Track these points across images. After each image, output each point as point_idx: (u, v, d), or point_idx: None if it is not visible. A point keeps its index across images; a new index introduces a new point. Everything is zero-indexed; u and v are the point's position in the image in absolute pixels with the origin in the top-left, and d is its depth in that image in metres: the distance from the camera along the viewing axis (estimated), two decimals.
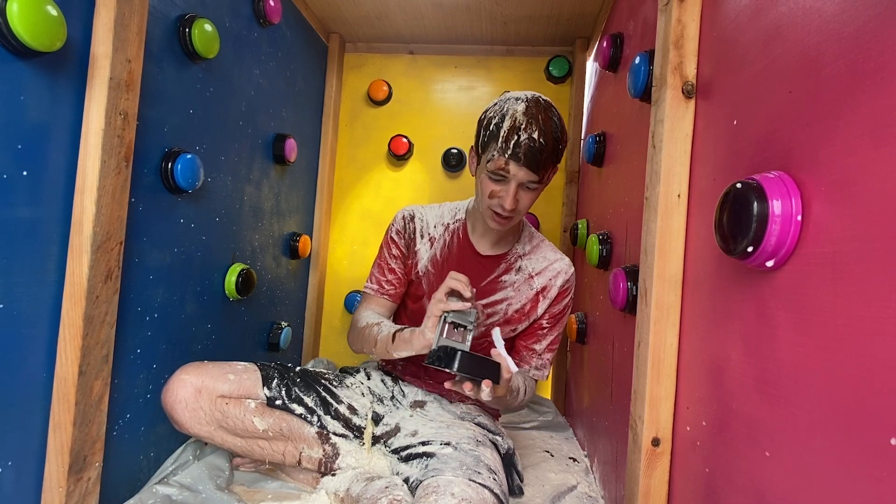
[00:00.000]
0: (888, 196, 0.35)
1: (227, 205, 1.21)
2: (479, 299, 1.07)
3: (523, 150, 0.89)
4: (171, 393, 0.94)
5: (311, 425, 1.01)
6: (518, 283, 1.08)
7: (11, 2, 0.62)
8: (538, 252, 1.11)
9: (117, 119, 0.77)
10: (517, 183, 0.92)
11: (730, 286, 0.56)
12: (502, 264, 1.09)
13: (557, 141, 0.92)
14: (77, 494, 0.77)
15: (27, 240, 0.70)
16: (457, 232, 1.11)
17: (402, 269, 1.13)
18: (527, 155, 0.89)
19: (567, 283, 1.10)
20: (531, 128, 0.90)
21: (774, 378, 0.47)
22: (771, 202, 0.45)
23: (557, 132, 0.92)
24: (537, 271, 1.09)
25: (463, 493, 0.78)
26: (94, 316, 0.76)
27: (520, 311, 1.08)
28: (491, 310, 1.08)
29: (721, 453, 0.56)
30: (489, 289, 1.08)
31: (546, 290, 1.09)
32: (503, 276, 1.09)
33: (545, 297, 1.09)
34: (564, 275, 1.10)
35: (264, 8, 1.28)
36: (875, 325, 0.35)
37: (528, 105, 0.92)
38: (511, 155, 0.90)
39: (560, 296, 1.10)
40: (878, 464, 0.34)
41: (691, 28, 0.69)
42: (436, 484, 0.80)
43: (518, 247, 1.10)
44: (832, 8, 0.42)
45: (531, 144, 0.89)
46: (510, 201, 0.92)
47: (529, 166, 0.90)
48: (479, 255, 1.09)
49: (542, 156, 0.90)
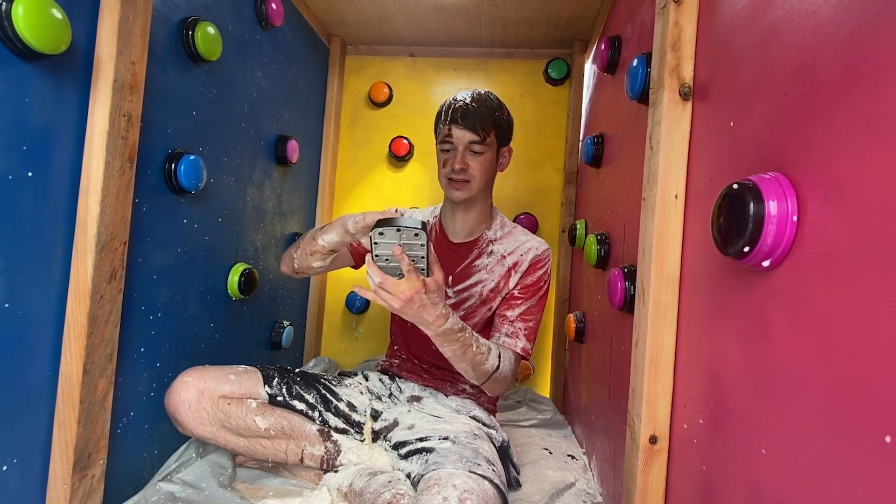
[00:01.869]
0: (883, 197, 0.35)
1: (230, 205, 1.21)
2: (455, 284, 1.14)
3: (460, 113, 1.05)
4: (174, 395, 0.96)
5: (312, 422, 1.02)
6: (491, 265, 1.13)
7: (17, 5, 0.63)
8: (510, 236, 1.16)
9: (121, 121, 0.78)
10: (462, 146, 1.06)
11: (726, 286, 0.56)
12: (475, 250, 1.15)
13: (494, 112, 1.07)
14: (81, 491, 0.78)
15: (32, 240, 0.71)
16: (434, 227, 1.20)
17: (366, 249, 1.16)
18: (463, 116, 1.04)
19: (538, 257, 1.13)
20: (464, 98, 1.07)
21: (770, 376, 0.47)
22: (767, 203, 0.45)
23: (493, 104, 1.08)
24: (509, 251, 1.14)
25: (464, 484, 0.79)
26: (98, 315, 0.77)
27: (494, 289, 1.13)
28: (467, 293, 1.13)
29: (718, 451, 0.56)
30: (464, 274, 1.14)
31: (517, 265, 1.13)
32: (476, 261, 1.14)
33: (516, 271, 1.12)
34: (535, 250, 1.13)
35: (266, 11, 1.28)
36: (869, 325, 0.35)
37: (469, 91, 1.09)
38: (451, 120, 1.06)
39: (532, 268, 1.12)
40: (873, 461, 0.34)
41: (688, 31, 0.69)
42: (437, 477, 0.82)
43: (489, 233, 1.16)
44: (827, 11, 0.43)
45: (465, 107, 1.05)
46: (458, 160, 1.05)
47: (467, 126, 1.04)
48: (452, 244, 1.16)
49: (476, 116, 1.04)
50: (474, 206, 1.14)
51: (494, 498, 0.82)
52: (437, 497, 0.76)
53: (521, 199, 1.85)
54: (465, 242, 1.16)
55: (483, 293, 1.13)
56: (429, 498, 0.77)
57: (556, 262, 1.80)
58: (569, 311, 1.67)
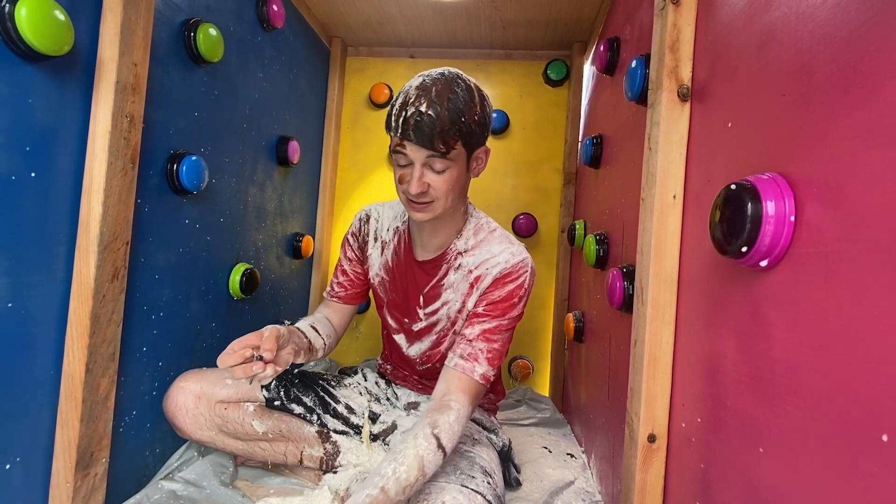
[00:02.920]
0: (879, 197, 0.36)
1: (232, 206, 1.22)
2: (425, 306, 1.02)
3: (412, 126, 0.82)
4: (171, 400, 0.96)
5: (310, 424, 1.02)
6: (457, 283, 0.98)
7: (20, 6, 0.63)
8: (483, 246, 0.98)
9: (124, 121, 0.79)
10: (420, 164, 0.85)
11: (724, 285, 0.57)
12: (442, 266, 0.99)
13: (458, 115, 0.83)
14: (84, 490, 0.78)
15: (35, 240, 0.71)
16: (403, 236, 1.05)
17: (354, 272, 1.10)
18: (415, 130, 0.82)
19: (506, 270, 0.94)
20: (419, 101, 0.82)
21: (768, 375, 0.47)
22: (765, 203, 0.45)
23: (460, 106, 0.83)
24: (476, 265, 0.97)
25: (454, 500, 0.76)
26: (100, 314, 0.78)
27: (459, 309, 0.99)
28: (435, 317, 1.01)
29: (716, 449, 0.56)
30: (433, 294, 1.01)
31: (479, 279, 0.96)
32: (443, 279, 0.99)
33: (477, 287, 0.96)
34: (504, 263, 0.94)
35: (268, 13, 1.29)
36: (866, 324, 0.36)
37: (424, 80, 0.86)
38: (402, 133, 0.83)
39: (498, 282, 0.94)
40: (869, 459, 0.34)
41: (686, 32, 0.70)
42: (427, 491, 0.79)
43: (458, 242, 0.99)
44: (824, 13, 0.43)
45: (419, 118, 0.81)
46: (415, 185, 0.85)
47: (421, 142, 0.82)
48: (417, 263, 1.02)
49: (433, 129, 0.81)
50: (442, 221, 0.97)
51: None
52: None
53: (520, 199, 1.85)
54: (431, 260, 1.00)
55: (450, 315, 1.00)
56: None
57: (556, 262, 1.80)
58: (568, 310, 1.68)
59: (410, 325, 1.05)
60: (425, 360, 1.07)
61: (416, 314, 1.03)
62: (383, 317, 1.11)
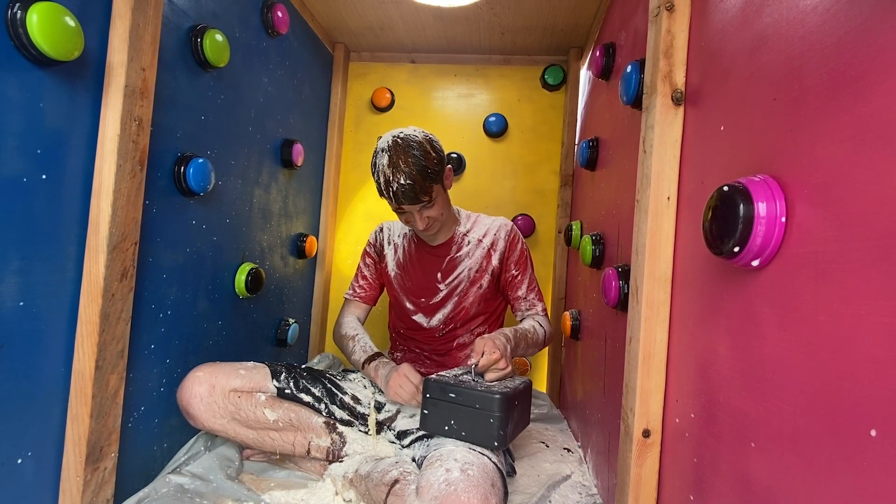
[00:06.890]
0: (868, 199, 0.36)
1: (237, 207, 1.24)
2: (445, 279, 1.26)
3: (401, 196, 1.07)
4: (186, 390, 0.98)
5: (319, 414, 1.06)
6: (470, 251, 1.26)
7: (31, 13, 0.64)
8: (477, 224, 1.29)
9: (132, 125, 0.80)
10: (416, 212, 1.11)
11: (717, 285, 0.57)
12: (453, 246, 1.26)
13: (425, 170, 1.06)
14: (94, 483, 0.79)
15: (46, 240, 0.73)
16: (413, 238, 1.30)
17: (372, 274, 1.34)
18: (405, 197, 1.06)
19: (509, 233, 1.27)
20: (397, 175, 1.05)
21: (759, 372, 0.48)
22: (756, 204, 0.46)
23: (422, 163, 1.06)
24: (482, 235, 1.27)
25: (465, 457, 0.84)
26: (110, 313, 0.79)
27: (479, 269, 1.24)
28: (456, 281, 1.25)
29: (709, 444, 0.57)
30: (450, 268, 1.25)
31: (494, 244, 1.25)
32: (458, 252, 1.26)
33: (495, 250, 1.25)
34: (504, 227, 1.27)
35: (273, 19, 1.31)
36: (855, 322, 0.36)
37: (389, 155, 1.07)
38: (395, 202, 1.09)
39: (510, 245, 1.26)
40: (859, 454, 0.35)
41: (680, 38, 0.70)
42: (439, 454, 0.87)
43: (459, 228, 1.28)
44: (815, 19, 0.43)
45: (403, 190, 1.05)
46: (420, 225, 1.13)
47: (411, 202, 1.08)
48: (431, 248, 1.27)
49: (415, 191, 1.06)
50: (444, 225, 1.23)
51: (494, 471, 0.86)
52: (440, 469, 0.81)
53: (518, 200, 1.87)
54: (443, 244, 1.27)
55: (470, 275, 1.24)
56: (432, 471, 0.81)
57: (553, 262, 1.82)
58: (565, 309, 1.69)
59: (429, 301, 1.26)
60: (448, 322, 1.25)
61: (436, 288, 1.25)
62: (400, 304, 1.29)
